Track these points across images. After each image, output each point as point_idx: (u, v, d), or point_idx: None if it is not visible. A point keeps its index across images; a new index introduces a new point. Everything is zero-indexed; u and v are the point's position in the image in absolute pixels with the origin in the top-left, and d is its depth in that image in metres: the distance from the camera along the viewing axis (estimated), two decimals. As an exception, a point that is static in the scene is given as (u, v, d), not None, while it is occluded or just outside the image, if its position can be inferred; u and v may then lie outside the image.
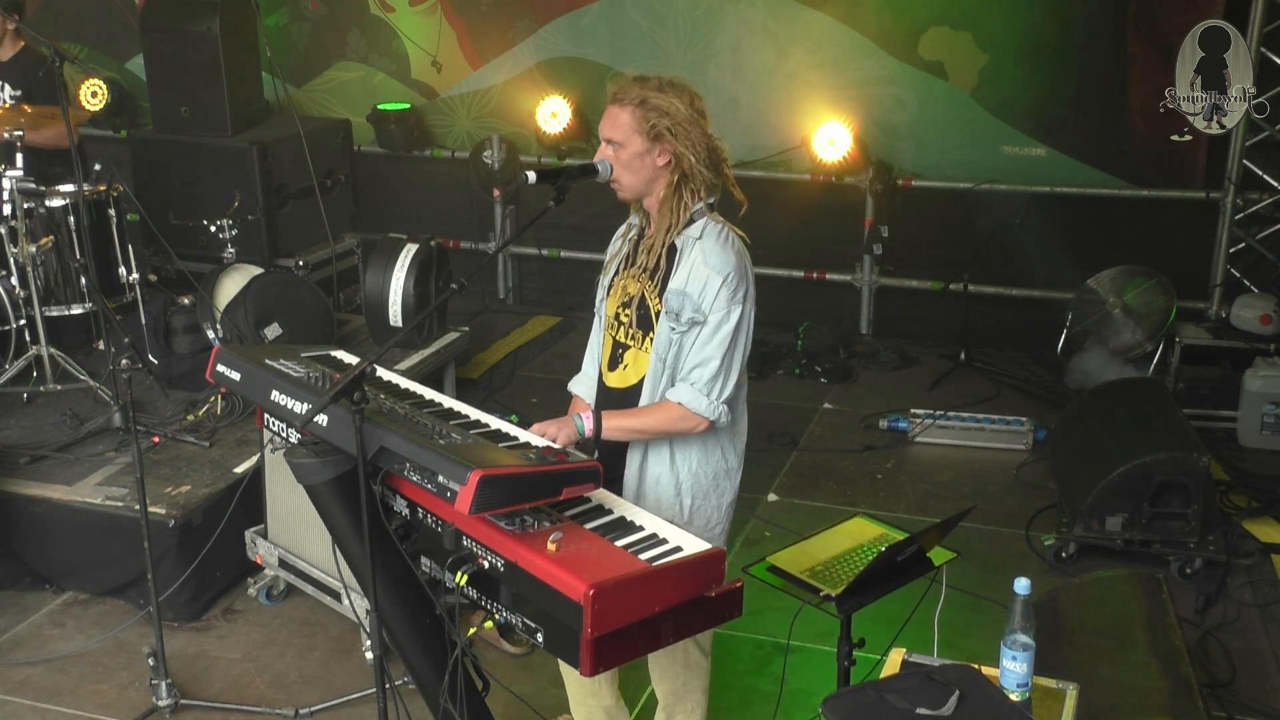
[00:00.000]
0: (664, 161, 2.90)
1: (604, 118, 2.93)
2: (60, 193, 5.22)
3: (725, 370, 2.92)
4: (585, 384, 3.24)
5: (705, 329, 2.90)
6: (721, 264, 2.88)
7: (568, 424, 2.89)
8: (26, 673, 4.05)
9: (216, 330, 5.27)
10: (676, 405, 2.92)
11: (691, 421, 2.93)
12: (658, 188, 2.94)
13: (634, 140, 2.87)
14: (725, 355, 2.91)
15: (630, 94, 2.87)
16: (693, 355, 2.92)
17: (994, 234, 6.54)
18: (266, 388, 2.68)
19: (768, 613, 3.79)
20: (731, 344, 2.92)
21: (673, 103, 2.85)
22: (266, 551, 4.33)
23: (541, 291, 7.81)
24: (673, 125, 2.85)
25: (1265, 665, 4.03)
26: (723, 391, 2.93)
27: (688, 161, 2.88)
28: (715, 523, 3.10)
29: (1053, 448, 5.37)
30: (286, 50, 7.70)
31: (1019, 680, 2.44)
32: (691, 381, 2.92)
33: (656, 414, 2.96)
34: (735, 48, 6.97)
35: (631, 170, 2.91)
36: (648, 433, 2.98)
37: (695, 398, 2.91)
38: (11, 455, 4.64)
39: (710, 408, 2.91)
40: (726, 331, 2.90)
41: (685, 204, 2.92)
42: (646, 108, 2.85)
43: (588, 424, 2.91)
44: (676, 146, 2.86)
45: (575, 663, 2.22)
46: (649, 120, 2.85)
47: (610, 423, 2.94)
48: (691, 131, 2.87)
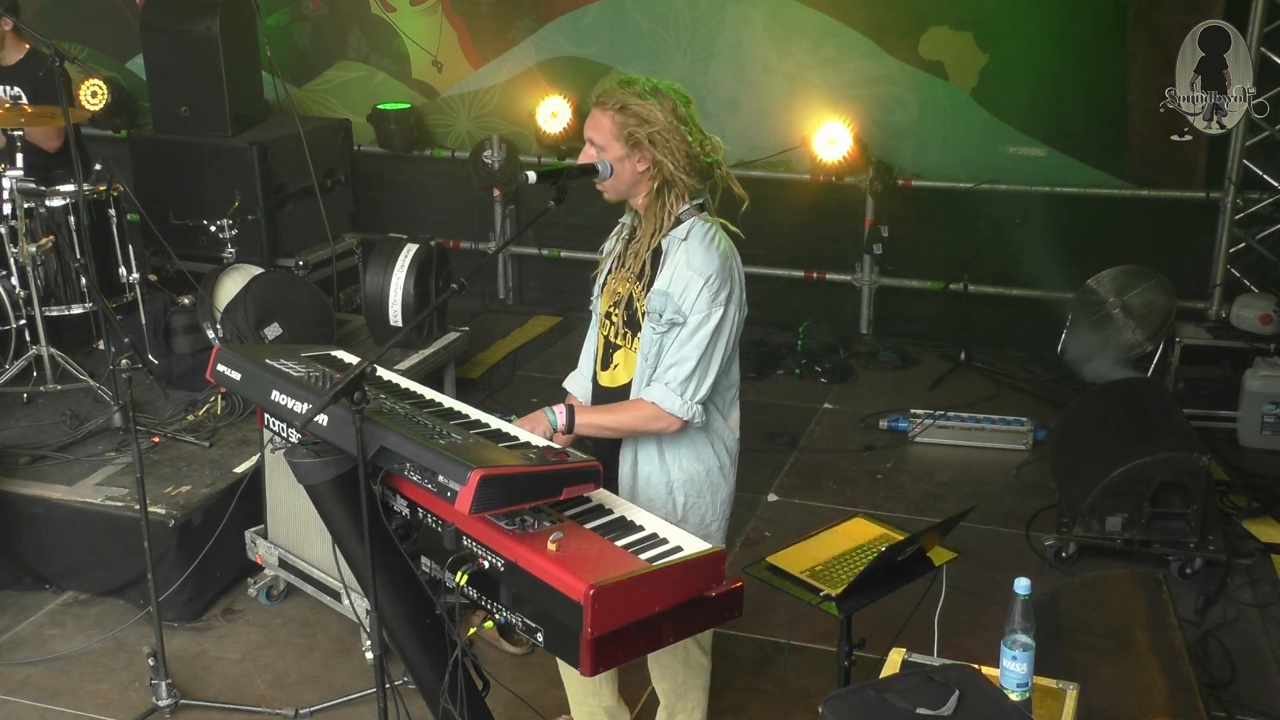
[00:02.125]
0: (643, 168, 2.89)
1: (588, 118, 2.94)
2: (60, 193, 5.23)
3: (702, 371, 2.91)
4: (579, 382, 3.24)
5: (684, 329, 2.89)
6: (704, 266, 2.87)
7: (539, 419, 2.90)
8: (26, 673, 4.05)
9: (216, 330, 5.28)
10: (649, 404, 2.91)
11: (664, 421, 2.92)
12: (640, 191, 2.94)
13: (614, 145, 2.88)
14: (703, 356, 2.90)
15: (612, 98, 2.87)
16: (669, 354, 2.92)
17: (994, 234, 6.54)
18: (266, 388, 2.68)
19: (768, 613, 3.80)
20: (710, 345, 2.90)
21: (652, 110, 2.84)
22: (266, 551, 4.33)
23: (541, 291, 7.81)
24: (651, 134, 2.84)
25: (1265, 665, 4.03)
26: (697, 392, 2.92)
27: (667, 169, 2.87)
28: (710, 520, 3.09)
29: (1053, 448, 5.37)
30: (287, 50, 7.70)
31: (1019, 680, 2.45)
32: (666, 381, 2.91)
33: (629, 411, 2.96)
34: (735, 48, 6.96)
35: (612, 173, 2.91)
36: (619, 430, 2.98)
37: (668, 397, 2.90)
38: (11, 455, 4.63)
39: (683, 407, 2.90)
40: (706, 333, 2.89)
41: (669, 208, 2.92)
42: (626, 114, 2.85)
43: (560, 418, 2.91)
44: (655, 154, 2.86)
45: (575, 663, 2.22)
46: (627, 128, 2.85)
47: (582, 418, 2.94)
48: (670, 139, 2.85)
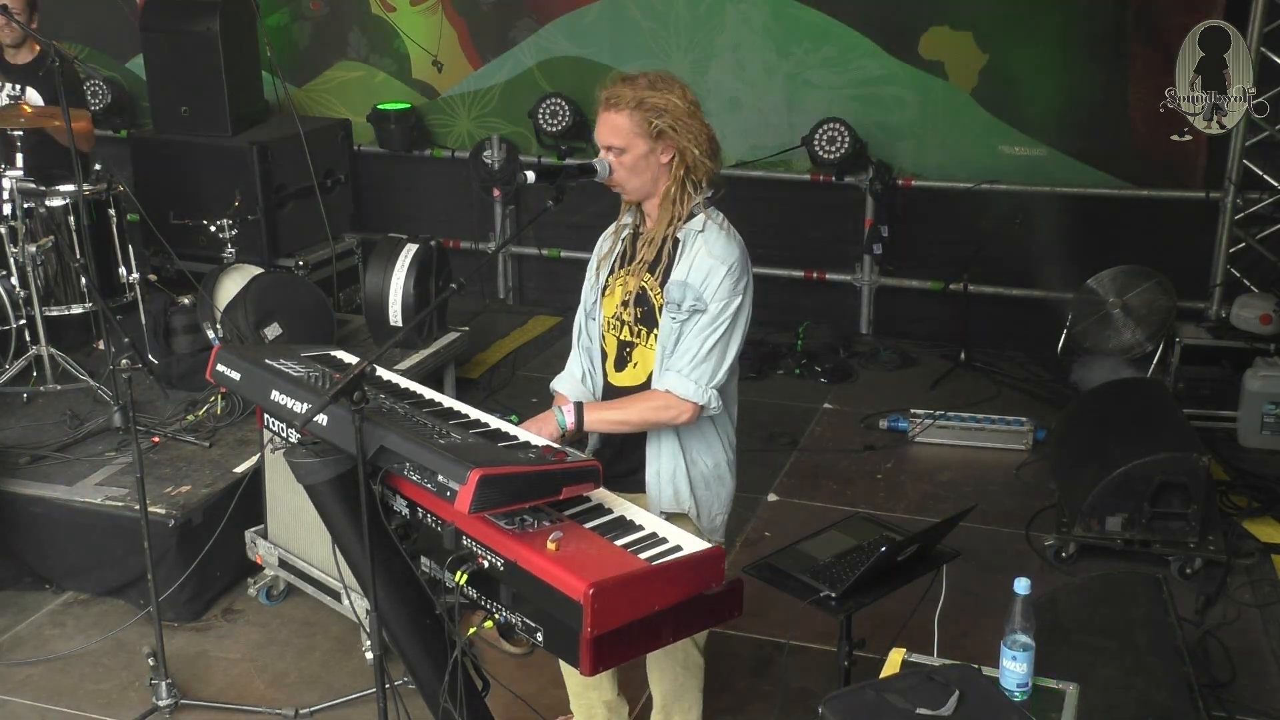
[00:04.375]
0: (667, 159, 2.88)
1: (600, 125, 2.89)
2: (60, 193, 5.23)
3: (718, 357, 2.89)
4: (568, 382, 3.17)
5: (705, 316, 2.88)
6: (725, 254, 2.87)
7: (549, 419, 2.87)
8: (26, 673, 4.05)
9: (216, 330, 5.27)
10: (661, 394, 2.89)
11: (675, 409, 2.88)
12: (662, 185, 2.92)
13: (637, 143, 2.85)
14: (719, 342, 2.89)
15: (625, 97, 2.84)
16: (685, 341, 2.89)
17: (994, 234, 6.54)
18: (266, 387, 2.67)
19: (768, 613, 3.79)
20: (727, 332, 2.89)
21: (669, 98, 2.83)
22: (266, 551, 4.33)
23: (541, 291, 7.81)
24: (673, 121, 2.83)
25: (1265, 665, 4.03)
26: (713, 377, 2.89)
27: (691, 155, 2.86)
28: (716, 514, 3.10)
29: (1053, 448, 5.37)
30: (287, 50, 7.70)
31: (1019, 680, 2.45)
32: (679, 369, 2.88)
33: (639, 403, 2.93)
34: (735, 48, 6.97)
35: (637, 173, 2.88)
36: (630, 423, 2.95)
37: (682, 383, 2.87)
38: (11, 455, 4.63)
39: (699, 392, 2.87)
40: (725, 320, 2.88)
41: (689, 196, 2.91)
42: (645, 108, 2.83)
43: (569, 417, 2.88)
44: (680, 141, 2.85)
45: (575, 662, 2.22)
46: (649, 120, 2.83)
47: (592, 415, 2.91)
48: (691, 124, 2.85)
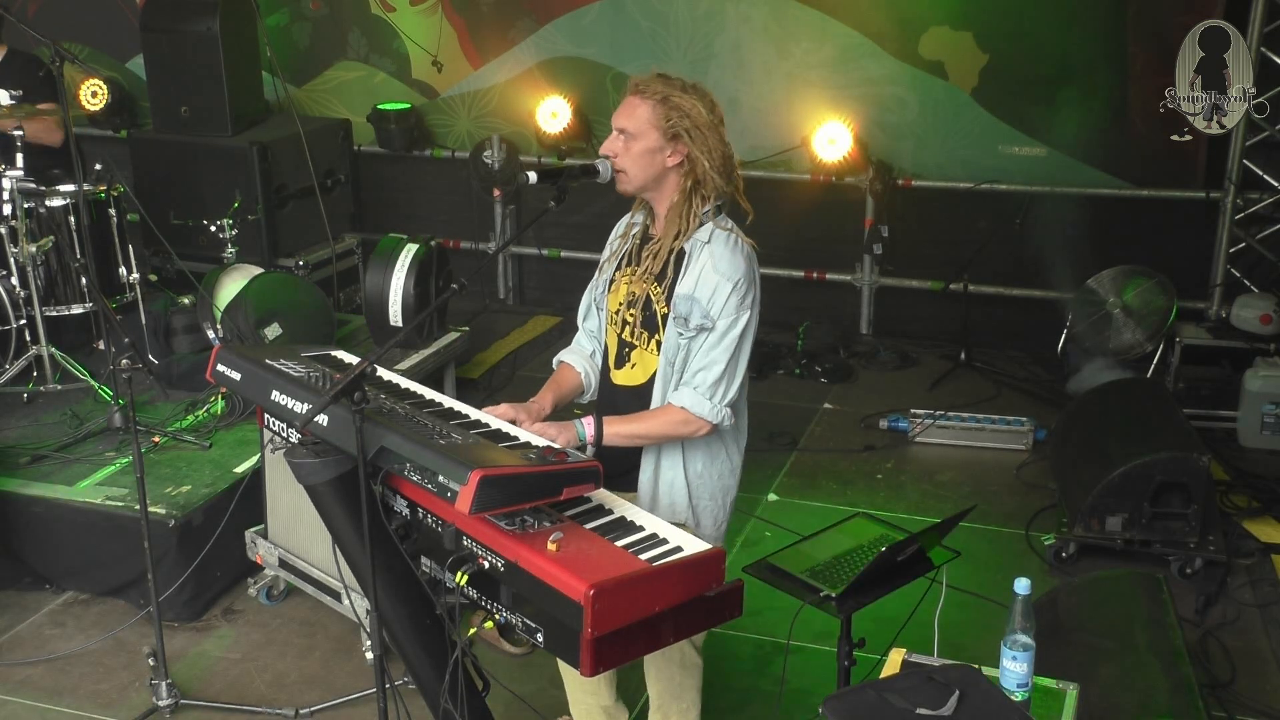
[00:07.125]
0: (675, 162, 2.89)
1: (621, 106, 2.91)
2: (60, 193, 5.23)
3: (730, 374, 2.92)
4: (575, 356, 3.19)
5: (713, 334, 2.89)
6: (731, 270, 2.87)
7: (569, 429, 2.87)
8: (26, 673, 4.05)
9: (216, 330, 5.27)
10: (679, 410, 2.91)
11: (694, 425, 2.92)
12: (665, 187, 2.93)
13: (649, 134, 2.86)
14: (730, 360, 2.90)
15: (653, 88, 2.86)
16: (697, 359, 2.92)
17: (994, 234, 6.54)
18: (266, 388, 2.68)
19: (768, 613, 3.80)
20: (737, 349, 2.91)
21: (695, 105, 2.85)
22: (266, 551, 4.32)
23: (541, 291, 7.81)
24: (692, 128, 2.84)
25: (1265, 665, 4.03)
26: (726, 395, 2.92)
27: (701, 166, 2.87)
28: (721, 520, 3.12)
29: (1053, 448, 5.37)
30: (287, 50, 7.70)
31: (1019, 680, 2.45)
32: (695, 385, 2.91)
33: (659, 418, 2.95)
34: (735, 48, 6.96)
35: (639, 164, 2.89)
36: (650, 437, 2.97)
37: (698, 401, 2.90)
38: (11, 455, 4.64)
39: (714, 411, 2.91)
40: (734, 336, 2.90)
41: (695, 210, 2.91)
42: (668, 105, 2.85)
43: (589, 430, 2.88)
44: (693, 149, 2.86)
45: (575, 663, 2.22)
46: (669, 119, 2.84)
47: (611, 429, 2.92)
48: (709, 137, 2.86)
